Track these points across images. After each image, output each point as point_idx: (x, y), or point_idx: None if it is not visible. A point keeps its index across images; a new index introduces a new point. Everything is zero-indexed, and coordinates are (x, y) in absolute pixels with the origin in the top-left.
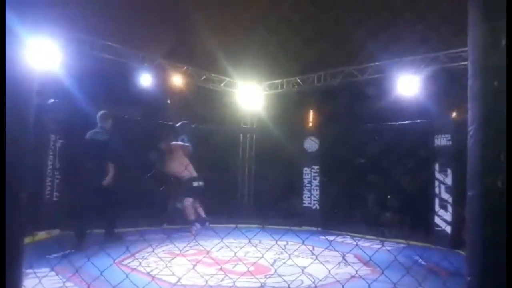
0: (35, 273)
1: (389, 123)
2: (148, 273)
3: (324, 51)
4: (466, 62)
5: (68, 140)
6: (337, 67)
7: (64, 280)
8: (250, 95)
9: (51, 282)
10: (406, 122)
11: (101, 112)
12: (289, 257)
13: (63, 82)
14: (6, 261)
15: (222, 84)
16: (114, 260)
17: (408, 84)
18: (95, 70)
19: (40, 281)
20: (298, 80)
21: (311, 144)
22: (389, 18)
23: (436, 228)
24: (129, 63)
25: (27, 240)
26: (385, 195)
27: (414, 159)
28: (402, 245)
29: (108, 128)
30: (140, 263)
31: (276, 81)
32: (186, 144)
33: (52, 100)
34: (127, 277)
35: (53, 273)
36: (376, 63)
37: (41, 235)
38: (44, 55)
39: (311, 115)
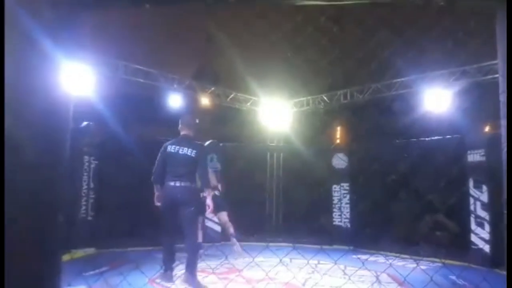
0: None
1: (419, 139)
2: None
3: (350, 68)
4: (497, 75)
5: (102, 162)
6: (364, 83)
7: None
8: (276, 113)
9: None
10: (437, 137)
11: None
12: (321, 277)
13: (96, 105)
14: (46, 278)
15: (248, 103)
16: (148, 279)
17: (437, 99)
18: (127, 93)
19: None
20: (325, 98)
21: (340, 161)
22: (416, 33)
23: (473, 247)
24: (160, 86)
25: (64, 258)
26: (417, 213)
27: (447, 176)
28: (438, 264)
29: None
30: (173, 282)
31: (302, 99)
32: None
33: (86, 123)
34: None
35: None
36: (404, 79)
37: (78, 253)
38: (77, 79)
39: (338, 132)
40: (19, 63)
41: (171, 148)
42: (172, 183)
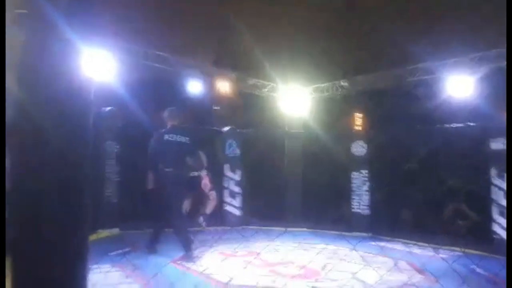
0: (100, 268)
1: (440, 125)
2: (202, 272)
3: (371, 53)
4: None
5: (124, 146)
6: (386, 69)
7: (125, 276)
8: (295, 99)
9: (114, 277)
10: (459, 124)
11: (170, 108)
12: (340, 261)
13: (118, 91)
14: (75, 257)
15: (266, 89)
16: (172, 258)
17: (460, 85)
18: (147, 78)
19: (104, 276)
20: (344, 83)
21: (359, 148)
22: (439, 16)
23: (495, 236)
24: (179, 72)
25: (91, 237)
26: (437, 201)
27: (468, 164)
28: (457, 253)
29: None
30: (195, 262)
31: (322, 85)
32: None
33: (109, 108)
34: (182, 275)
35: (115, 269)
36: (426, 64)
37: (103, 233)
38: (99, 64)
39: (358, 118)
40: (40, 49)
41: (168, 137)
42: (168, 170)
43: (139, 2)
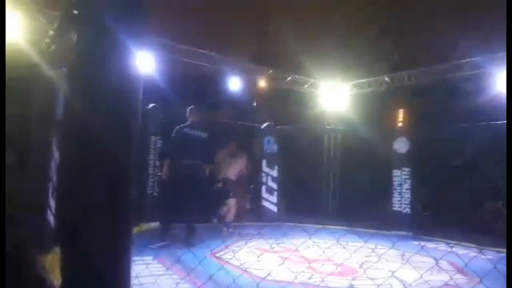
0: (142, 259)
1: (487, 123)
2: (239, 266)
3: (415, 49)
4: None
5: (167, 141)
6: (430, 64)
7: (165, 268)
8: (335, 96)
9: (155, 269)
10: (505, 122)
11: (192, 106)
12: (379, 260)
13: (160, 87)
14: (120, 248)
15: (306, 86)
16: (210, 252)
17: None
18: (188, 75)
19: (147, 267)
20: (387, 79)
21: (402, 145)
22: (488, 8)
23: None
24: (220, 68)
25: (134, 230)
26: (482, 200)
27: None
28: (503, 254)
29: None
30: (233, 255)
31: (363, 80)
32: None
33: (152, 105)
34: (222, 268)
35: (156, 261)
36: (473, 59)
37: (145, 226)
38: (141, 62)
39: (401, 114)
40: (91, 48)
41: (187, 131)
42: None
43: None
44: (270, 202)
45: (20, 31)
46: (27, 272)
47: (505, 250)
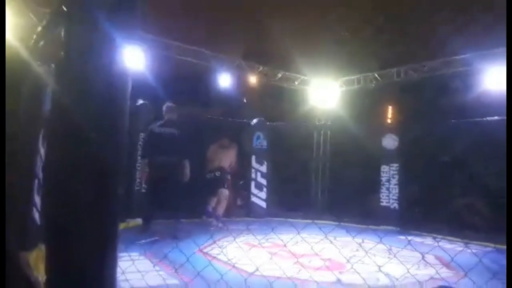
0: (129, 256)
1: (476, 119)
2: (227, 261)
3: (404, 46)
4: None
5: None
6: (419, 61)
7: (153, 264)
8: (325, 92)
9: (142, 265)
10: (495, 118)
11: (168, 104)
12: (366, 254)
13: (149, 84)
14: (106, 244)
15: (296, 82)
16: (198, 247)
17: (498, 78)
18: (178, 72)
19: (133, 263)
20: (376, 75)
21: (390, 141)
22: (478, 6)
23: None
24: (210, 65)
25: (121, 226)
26: (470, 195)
27: (504, 159)
28: (489, 249)
29: (174, 120)
30: (221, 251)
31: (353, 77)
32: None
33: (141, 102)
34: (209, 264)
35: (143, 257)
36: (462, 56)
37: (132, 222)
38: (131, 58)
39: (390, 111)
40: (80, 45)
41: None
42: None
43: None
44: (259, 198)
45: (8, 29)
46: (11, 268)
47: (490, 245)
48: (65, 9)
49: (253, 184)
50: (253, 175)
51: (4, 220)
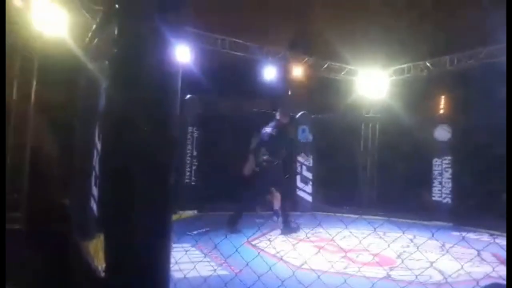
0: (182, 246)
1: (506, 107)
2: (275, 254)
3: (457, 32)
4: None
5: (203, 132)
6: (474, 48)
7: (203, 255)
8: (373, 82)
9: (193, 256)
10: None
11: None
12: (417, 250)
13: (196, 78)
14: (160, 235)
15: (343, 73)
16: (247, 239)
17: None
18: (223, 65)
19: (186, 254)
20: (428, 64)
21: (443, 133)
22: None
23: None
24: (255, 58)
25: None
26: None
27: None
28: None
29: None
30: (269, 244)
31: (403, 66)
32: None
33: (189, 96)
34: (258, 255)
35: (194, 248)
36: None
37: (183, 214)
38: (179, 53)
39: (442, 101)
40: (132, 42)
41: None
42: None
43: None
44: (305, 191)
45: (65, 27)
46: (74, 257)
47: None
48: (117, 7)
49: (298, 178)
50: (298, 169)
51: (4, 219)
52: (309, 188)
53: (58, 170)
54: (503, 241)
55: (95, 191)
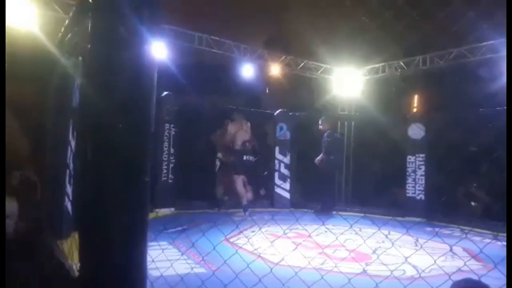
0: (159, 245)
1: (505, 107)
2: (253, 251)
3: (429, 32)
4: None
5: (180, 129)
6: (445, 48)
7: (181, 253)
8: (348, 81)
9: (170, 254)
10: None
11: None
12: (392, 245)
13: (173, 75)
14: (136, 234)
15: (319, 72)
16: (225, 236)
17: None
18: (200, 63)
19: (162, 252)
20: (402, 64)
21: (416, 131)
22: None
23: None
24: (232, 55)
25: (150, 216)
26: (499, 187)
27: None
28: None
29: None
30: (247, 241)
31: (377, 65)
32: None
33: (166, 93)
34: (236, 253)
35: (171, 246)
36: (490, 42)
37: (160, 212)
38: (155, 50)
39: (416, 100)
40: (107, 37)
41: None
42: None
43: None
44: (283, 189)
45: (35, 23)
46: (48, 257)
47: None
48: (91, 1)
49: (276, 175)
50: (276, 166)
51: (4, 218)
52: (287, 185)
53: (29, 169)
54: (474, 236)
55: (69, 189)
